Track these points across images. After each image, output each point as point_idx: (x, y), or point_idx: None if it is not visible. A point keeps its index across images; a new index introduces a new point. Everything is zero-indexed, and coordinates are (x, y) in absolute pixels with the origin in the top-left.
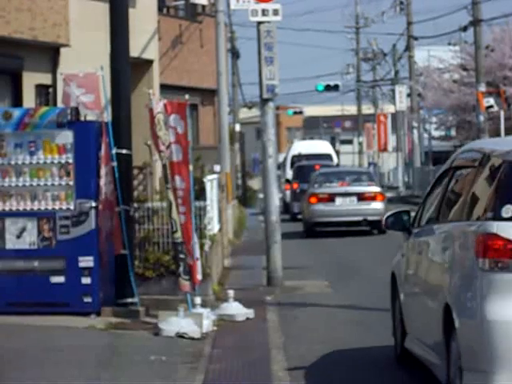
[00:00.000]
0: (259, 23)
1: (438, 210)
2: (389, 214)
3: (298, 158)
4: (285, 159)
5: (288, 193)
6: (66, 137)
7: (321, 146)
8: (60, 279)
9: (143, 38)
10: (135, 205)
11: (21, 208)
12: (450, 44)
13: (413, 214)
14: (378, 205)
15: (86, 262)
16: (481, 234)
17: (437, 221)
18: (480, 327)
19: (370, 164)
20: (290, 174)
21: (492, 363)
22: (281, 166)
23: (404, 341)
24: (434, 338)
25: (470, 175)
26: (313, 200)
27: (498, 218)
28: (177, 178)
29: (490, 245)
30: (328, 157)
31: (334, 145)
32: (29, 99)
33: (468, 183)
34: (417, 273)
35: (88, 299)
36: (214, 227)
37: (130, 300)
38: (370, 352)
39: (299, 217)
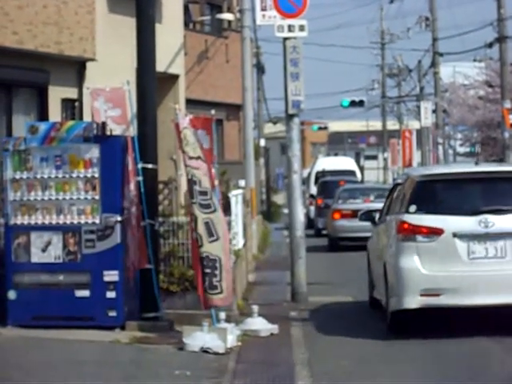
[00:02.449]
0: (285, 39)
1: (388, 208)
2: (362, 211)
3: (322, 173)
4: (309, 175)
5: (312, 208)
6: (92, 151)
7: (345, 163)
8: (85, 293)
9: (169, 52)
10: (160, 219)
11: (46, 222)
12: (475, 60)
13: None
14: None
15: (111, 276)
16: (399, 220)
17: (387, 214)
18: (396, 272)
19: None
20: (314, 189)
21: (401, 291)
22: (305, 182)
23: (373, 292)
24: (381, 284)
25: (401, 188)
26: (336, 216)
27: (407, 212)
28: None
29: (402, 226)
30: (352, 173)
31: (358, 160)
32: (55, 113)
33: (399, 193)
34: (376, 245)
35: (113, 313)
36: (238, 242)
37: (154, 314)
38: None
39: (324, 232)
